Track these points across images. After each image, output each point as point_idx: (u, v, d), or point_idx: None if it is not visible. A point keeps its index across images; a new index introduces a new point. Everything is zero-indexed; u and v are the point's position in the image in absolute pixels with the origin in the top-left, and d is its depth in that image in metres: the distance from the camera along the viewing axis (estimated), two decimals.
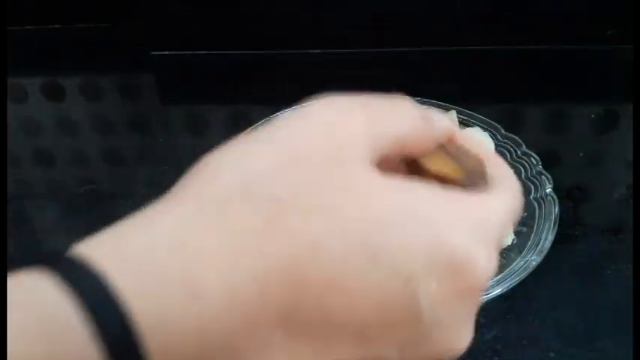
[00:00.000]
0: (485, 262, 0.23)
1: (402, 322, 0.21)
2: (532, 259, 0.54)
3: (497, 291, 0.51)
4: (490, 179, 0.27)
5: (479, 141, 0.31)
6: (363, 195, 0.21)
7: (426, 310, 0.21)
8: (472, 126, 0.71)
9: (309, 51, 0.96)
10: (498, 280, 0.52)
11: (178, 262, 0.19)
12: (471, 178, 0.26)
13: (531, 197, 0.62)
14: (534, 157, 0.66)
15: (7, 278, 0.18)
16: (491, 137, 0.69)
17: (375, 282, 0.21)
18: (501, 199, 0.26)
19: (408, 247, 0.21)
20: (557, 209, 0.58)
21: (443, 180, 0.26)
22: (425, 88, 0.82)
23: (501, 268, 0.54)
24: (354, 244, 0.20)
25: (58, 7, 1.05)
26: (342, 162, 0.22)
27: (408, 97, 0.28)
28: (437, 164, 0.27)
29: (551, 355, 0.50)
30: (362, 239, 0.21)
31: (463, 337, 0.25)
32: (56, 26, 1.07)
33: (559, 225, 0.57)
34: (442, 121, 0.28)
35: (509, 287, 0.52)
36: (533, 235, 0.57)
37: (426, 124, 0.26)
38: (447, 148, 0.28)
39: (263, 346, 0.20)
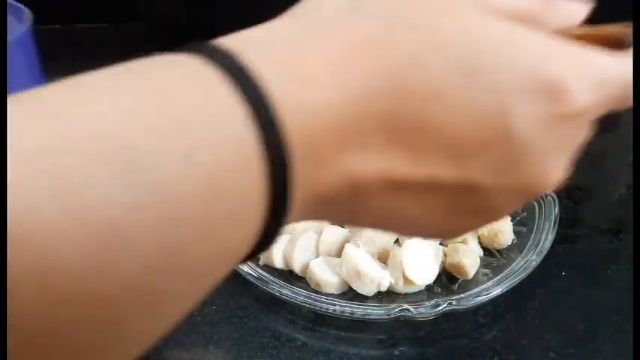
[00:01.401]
0: (585, 95, 0.24)
1: (494, 140, 0.22)
2: (532, 259, 0.54)
3: (497, 291, 0.51)
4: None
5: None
6: (468, 20, 0.23)
7: (517, 129, 0.22)
8: None
9: None
10: (498, 280, 0.52)
11: (296, 57, 0.21)
12: (627, 39, 0.27)
13: None
14: None
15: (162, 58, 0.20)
16: None
17: (471, 98, 0.22)
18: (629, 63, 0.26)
19: (505, 68, 0.22)
20: (557, 209, 0.58)
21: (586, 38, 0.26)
22: None
23: (501, 268, 0.54)
24: (454, 61, 0.22)
25: (58, 7, 1.05)
26: (458, 2, 0.24)
27: None
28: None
29: (551, 355, 0.50)
30: (461, 57, 0.22)
31: (555, 168, 0.25)
32: (56, 26, 1.07)
33: (559, 225, 0.57)
34: (567, 9, 0.28)
35: (509, 287, 0.52)
36: (533, 235, 0.57)
37: (545, 4, 0.27)
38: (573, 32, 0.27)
39: (364, 144, 0.21)
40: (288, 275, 0.55)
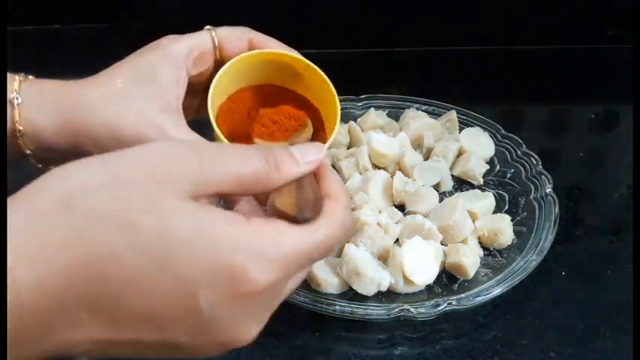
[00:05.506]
0: (259, 274, 0.29)
1: (186, 316, 0.28)
2: (532, 259, 0.54)
3: (497, 291, 0.51)
4: (321, 214, 0.32)
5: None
6: (165, 216, 0.28)
7: (205, 308, 0.28)
8: (472, 126, 0.71)
9: (309, 51, 0.96)
10: (498, 280, 0.52)
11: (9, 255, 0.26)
12: (303, 213, 0.31)
13: (531, 197, 0.62)
14: (534, 157, 0.66)
15: None
16: (491, 137, 0.69)
17: (162, 284, 0.27)
18: (315, 235, 0.31)
19: (192, 260, 0.28)
20: (557, 209, 0.58)
21: (281, 214, 0.31)
22: (425, 88, 0.81)
23: (501, 268, 0.54)
24: (149, 256, 0.27)
25: (58, 7, 1.05)
26: (158, 192, 0.28)
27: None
28: (281, 199, 0.32)
29: (551, 355, 0.50)
30: (155, 252, 0.27)
31: (246, 331, 0.30)
32: (56, 26, 1.07)
33: (559, 225, 0.57)
34: (291, 166, 0.32)
35: (509, 287, 0.52)
36: (533, 235, 0.57)
37: (270, 169, 0.31)
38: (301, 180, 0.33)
39: (74, 322, 0.27)
40: None
